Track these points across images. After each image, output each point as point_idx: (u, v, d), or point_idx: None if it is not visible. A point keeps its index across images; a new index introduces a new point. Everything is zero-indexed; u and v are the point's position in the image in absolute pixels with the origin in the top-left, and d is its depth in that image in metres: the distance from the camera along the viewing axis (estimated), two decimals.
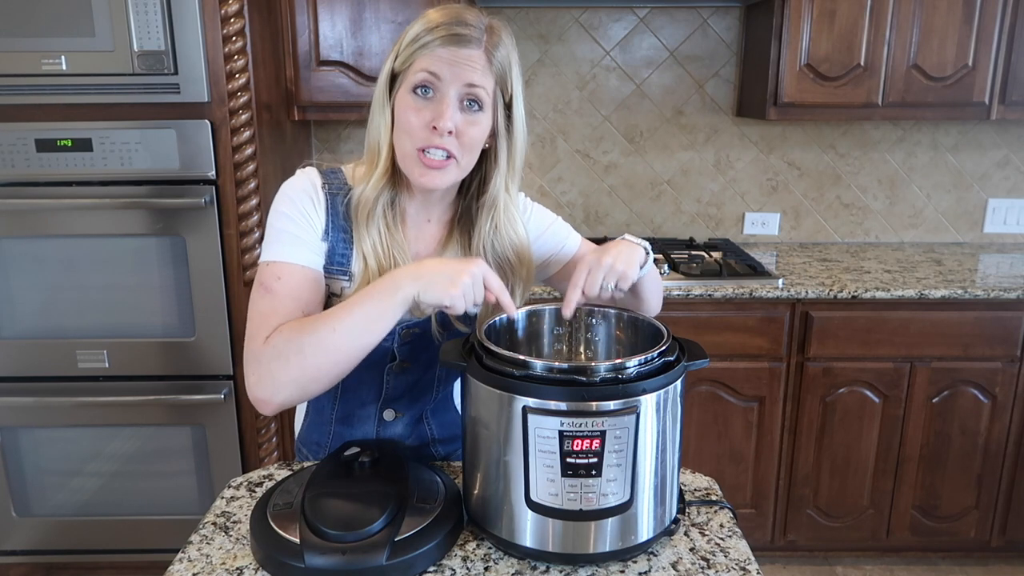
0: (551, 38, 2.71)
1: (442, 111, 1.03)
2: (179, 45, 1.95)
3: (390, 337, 1.12)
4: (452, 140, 1.04)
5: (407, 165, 1.07)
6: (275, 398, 1.01)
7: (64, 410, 2.19)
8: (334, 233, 1.11)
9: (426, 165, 1.05)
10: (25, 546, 2.31)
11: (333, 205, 1.11)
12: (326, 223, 1.10)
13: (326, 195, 1.11)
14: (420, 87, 1.04)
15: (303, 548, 0.89)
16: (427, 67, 1.03)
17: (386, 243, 1.10)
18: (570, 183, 2.84)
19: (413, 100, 1.04)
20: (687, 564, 0.95)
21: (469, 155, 1.08)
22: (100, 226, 2.08)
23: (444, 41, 1.03)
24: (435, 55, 1.03)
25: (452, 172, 1.07)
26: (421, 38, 1.04)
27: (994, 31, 2.33)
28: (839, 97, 2.38)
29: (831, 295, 2.22)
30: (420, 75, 1.03)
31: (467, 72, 1.03)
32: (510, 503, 0.92)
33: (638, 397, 0.88)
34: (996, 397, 2.30)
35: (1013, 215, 2.84)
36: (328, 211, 1.10)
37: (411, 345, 1.16)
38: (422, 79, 1.03)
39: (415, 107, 1.04)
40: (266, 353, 1.00)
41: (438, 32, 1.03)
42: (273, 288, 1.05)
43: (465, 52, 1.03)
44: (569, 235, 1.29)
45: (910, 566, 2.50)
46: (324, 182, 1.12)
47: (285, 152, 2.40)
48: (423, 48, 1.03)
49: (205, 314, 2.12)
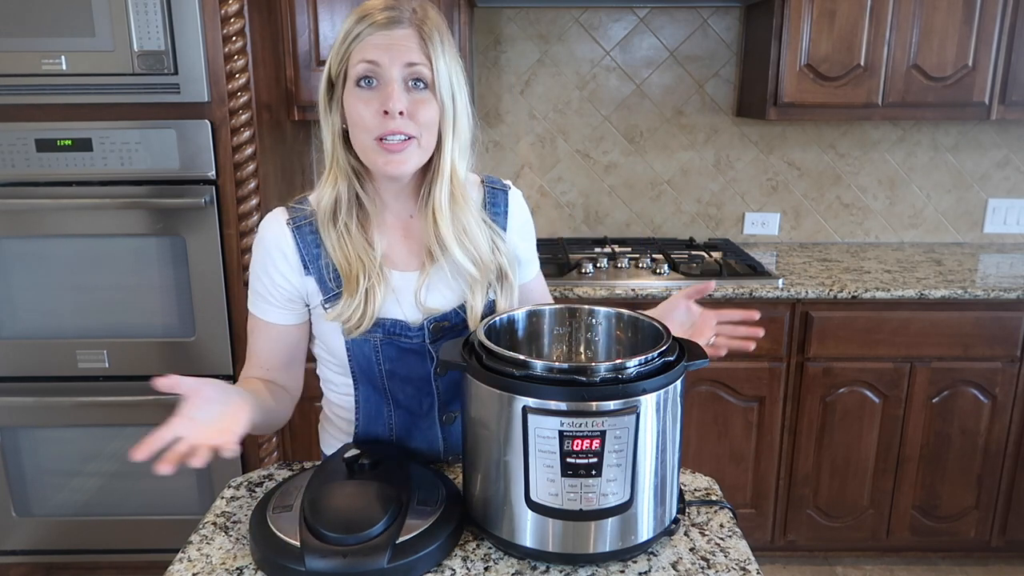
0: (551, 38, 2.71)
1: (389, 94, 1.03)
2: (179, 45, 1.95)
3: (419, 335, 1.13)
4: (406, 122, 1.04)
5: (370, 159, 1.07)
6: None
7: (64, 410, 2.19)
8: (314, 262, 1.11)
9: (387, 151, 1.05)
10: (25, 546, 2.31)
11: (301, 237, 1.11)
12: (301, 258, 1.11)
13: (292, 230, 1.11)
14: (363, 79, 1.04)
15: (303, 551, 0.89)
16: (364, 57, 1.03)
17: (345, 242, 1.10)
18: (570, 183, 2.84)
19: (359, 93, 1.05)
20: (687, 564, 0.95)
21: (428, 134, 1.07)
22: (100, 226, 2.07)
23: (375, 28, 1.03)
24: (369, 43, 1.03)
25: (414, 153, 1.07)
26: (352, 32, 1.04)
27: (994, 31, 2.33)
28: (839, 97, 2.38)
29: (831, 295, 2.22)
30: (360, 67, 1.04)
31: (404, 53, 1.03)
32: (510, 503, 0.92)
33: (638, 397, 0.88)
34: (996, 397, 2.30)
35: (1013, 215, 2.84)
36: (298, 246, 1.11)
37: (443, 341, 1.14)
38: (363, 70, 1.04)
39: (363, 99, 1.04)
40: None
41: (367, 21, 1.04)
42: (249, 334, 1.19)
43: (398, 33, 1.03)
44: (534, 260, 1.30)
45: (910, 566, 2.50)
46: (289, 217, 1.12)
47: (285, 152, 2.40)
48: (356, 41, 1.04)
49: (205, 314, 2.12)
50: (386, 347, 1.14)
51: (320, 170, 2.82)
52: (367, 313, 1.09)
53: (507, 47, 2.71)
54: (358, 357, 1.14)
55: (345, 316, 1.09)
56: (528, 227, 1.27)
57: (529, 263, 1.30)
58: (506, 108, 2.77)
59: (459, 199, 1.13)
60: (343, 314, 1.09)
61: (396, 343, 1.14)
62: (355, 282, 1.08)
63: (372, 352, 1.14)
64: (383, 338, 1.13)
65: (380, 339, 1.13)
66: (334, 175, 1.11)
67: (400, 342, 1.14)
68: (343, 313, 1.09)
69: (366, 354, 1.14)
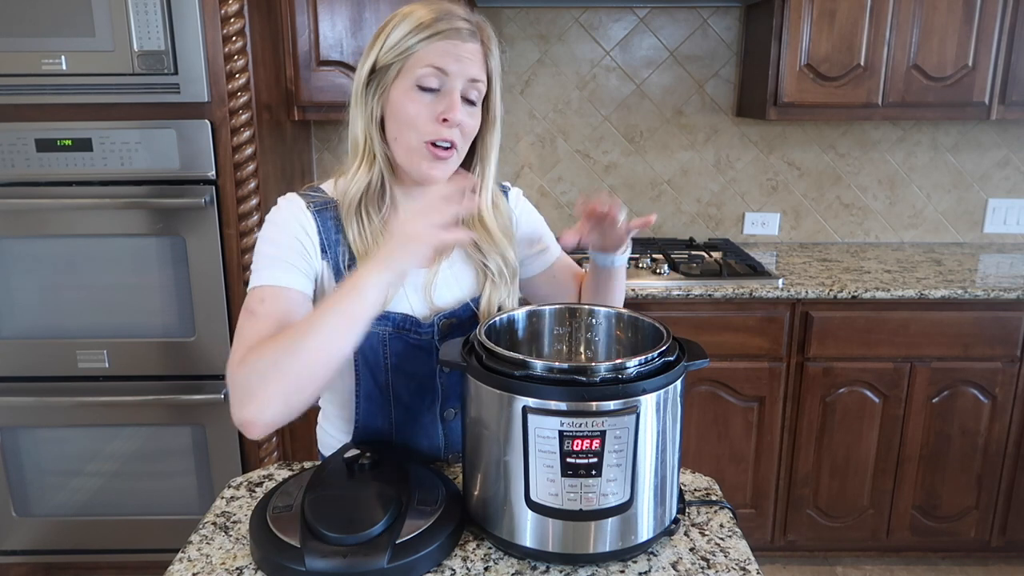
0: (551, 38, 2.71)
1: (452, 104, 1.05)
2: (179, 45, 1.95)
3: (429, 331, 1.13)
4: (456, 131, 1.07)
5: (413, 159, 1.08)
6: (260, 417, 0.94)
7: (64, 410, 2.19)
8: (333, 248, 1.11)
9: (436, 157, 1.07)
10: (25, 546, 2.31)
11: (323, 220, 1.11)
12: (321, 241, 1.10)
13: (313, 214, 1.11)
14: (427, 82, 1.05)
15: (303, 551, 0.89)
16: (433, 62, 1.04)
17: (367, 232, 1.10)
18: (570, 183, 2.84)
19: (418, 94, 1.05)
20: (687, 564, 0.95)
21: (466, 144, 1.11)
22: (100, 226, 2.07)
23: (447, 35, 1.04)
24: (441, 49, 1.04)
25: (454, 161, 1.11)
26: (420, 31, 1.04)
27: (994, 31, 2.33)
28: (839, 97, 2.38)
29: (831, 295, 2.22)
30: (427, 70, 1.04)
31: (470, 67, 1.06)
32: (510, 503, 0.92)
33: (638, 397, 0.88)
34: (996, 397, 2.30)
35: (1013, 215, 2.84)
36: (319, 229, 1.10)
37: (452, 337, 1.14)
38: (430, 74, 1.04)
39: (422, 101, 1.05)
40: (242, 373, 0.95)
41: (438, 26, 1.04)
42: (256, 311, 1.02)
43: (467, 47, 1.06)
44: (553, 240, 1.34)
45: (910, 566, 2.50)
46: (308, 202, 1.12)
47: (285, 152, 2.40)
48: (427, 41, 1.04)
49: (205, 314, 2.12)
50: (394, 341, 1.14)
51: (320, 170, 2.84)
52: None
53: (507, 47, 2.71)
54: (365, 349, 1.13)
55: None
56: (535, 215, 1.33)
57: (551, 243, 1.34)
58: (506, 108, 2.75)
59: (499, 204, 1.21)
60: None
61: (405, 338, 1.14)
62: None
63: (379, 345, 1.14)
64: (392, 332, 1.13)
65: (389, 332, 1.13)
66: (367, 163, 1.11)
67: (409, 337, 1.14)
68: None
69: (373, 347, 1.13)
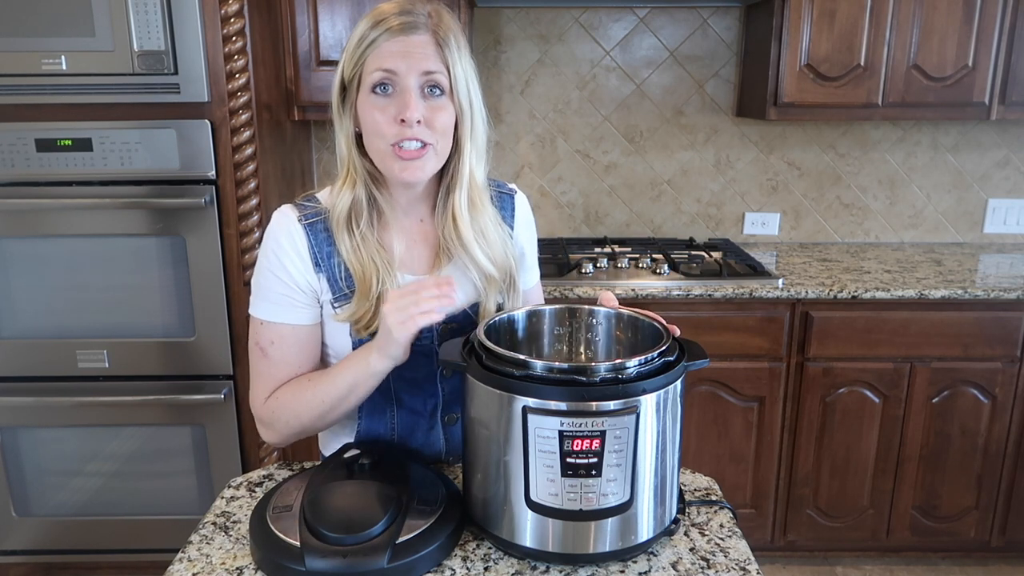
0: (551, 38, 2.71)
1: (406, 103, 1.02)
2: (179, 45, 1.95)
3: (429, 336, 1.13)
4: (423, 129, 1.04)
5: (386, 165, 1.07)
6: (284, 443, 1.16)
7: (64, 410, 2.19)
8: (326, 260, 1.11)
9: (403, 158, 1.04)
10: (25, 546, 2.31)
11: (313, 233, 1.11)
12: (312, 255, 1.10)
13: (303, 227, 1.10)
14: (379, 86, 1.04)
15: (303, 551, 0.89)
16: (380, 65, 1.03)
17: (359, 246, 1.09)
18: (570, 183, 2.84)
19: (374, 100, 1.04)
20: (687, 564, 0.95)
21: (444, 140, 1.07)
22: (100, 226, 2.07)
23: (390, 34, 1.02)
24: (385, 50, 1.03)
25: (431, 160, 1.07)
26: (367, 37, 1.03)
27: (994, 31, 2.33)
28: (839, 97, 2.38)
29: (831, 295, 2.22)
30: (376, 75, 1.03)
31: (420, 61, 1.03)
32: (510, 503, 0.92)
33: (638, 397, 0.88)
34: (996, 397, 2.30)
35: (1013, 215, 2.84)
36: (310, 243, 1.10)
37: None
38: (379, 78, 1.03)
39: (378, 106, 1.04)
40: (267, 415, 1.13)
41: (382, 27, 1.03)
42: (269, 353, 1.12)
43: (414, 39, 1.03)
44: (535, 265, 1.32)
45: (910, 566, 2.50)
46: (300, 215, 1.11)
47: (285, 152, 2.40)
48: (371, 47, 1.03)
49: (205, 314, 2.12)
50: None
51: (321, 170, 2.84)
52: (379, 313, 1.09)
53: (507, 47, 2.71)
54: None
55: (356, 316, 1.10)
56: (533, 233, 1.30)
57: (531, 270, 1.31)
58: (506, 108, 2.77)
59: (477, 203, 1.14)
60: (355, 314, 1.10)
61: None
62: (368, 286, 1.09)
63: None
64: None
65: None
66: (351, 179, 1.11)
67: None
68: (355, 313, 1.09)
69: None
